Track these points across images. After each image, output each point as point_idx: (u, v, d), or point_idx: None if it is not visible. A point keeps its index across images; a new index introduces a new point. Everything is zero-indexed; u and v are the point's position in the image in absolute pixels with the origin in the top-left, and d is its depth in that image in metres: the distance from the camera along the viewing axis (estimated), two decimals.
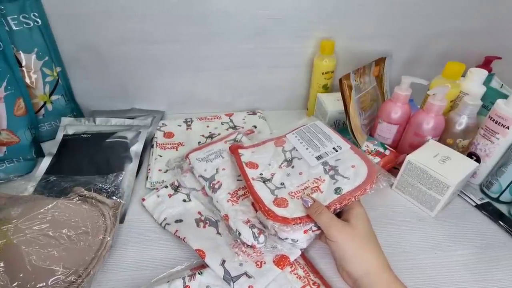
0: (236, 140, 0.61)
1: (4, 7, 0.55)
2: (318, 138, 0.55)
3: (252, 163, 0.53)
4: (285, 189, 0.48)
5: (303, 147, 0.54)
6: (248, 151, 0.55)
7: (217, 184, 0.52)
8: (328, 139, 0.55)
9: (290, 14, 0.66)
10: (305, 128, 0.58)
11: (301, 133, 0.58)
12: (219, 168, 0.54)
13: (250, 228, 0.44)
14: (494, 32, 0.71)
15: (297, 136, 0.57)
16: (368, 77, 0.64)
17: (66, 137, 0.65)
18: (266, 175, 0.51)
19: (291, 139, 0.57)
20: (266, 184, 0.49)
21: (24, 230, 0.41)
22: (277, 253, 0.44)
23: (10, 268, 0.38)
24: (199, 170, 0.54)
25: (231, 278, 0.41)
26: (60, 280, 0.39)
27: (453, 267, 0.46)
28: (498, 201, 0.56)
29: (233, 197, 0.50)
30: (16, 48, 0.58)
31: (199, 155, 0.57)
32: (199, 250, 0.43)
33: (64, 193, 0.52)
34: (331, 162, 0.51)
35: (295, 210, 0.44)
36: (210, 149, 0.58)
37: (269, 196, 0.46)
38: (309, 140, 0.56)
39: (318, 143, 0.54)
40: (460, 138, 0.57)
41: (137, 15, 0.63)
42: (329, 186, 0.47)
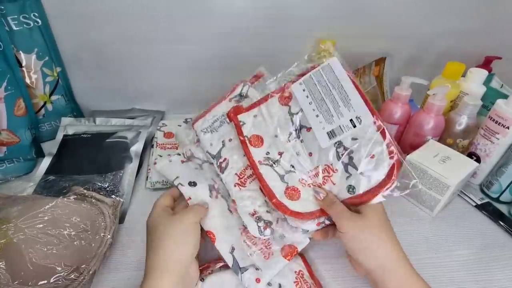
0: (241, 94, 0.51)
1: (4, 7, 0.55)
2: (332, 97, 0.41)
3: (257, 138, 0.45)
4: (295, 174, 0.43)
5: (313, 112, 0.42)
6: (250, 117, 0.46)
7: (224, 162, 0.47)
8: (345, 100, 0.41)
9: (290, 14, 0.66)
10: (316, 75, 0.43)
11: (311, 83, 0.43)
12: (225, 140, 0.48)
13: (256, 222, 0.42)
14: (494, 32, 0.71)
15: (305, 88, 0.43)
16: (368, 77, 0.64)
17: (66, 137, 0.65)
18: (273, 154, 0.44)
19: (297, 93, 0.44)
20: (274, 168, 0.43)
21: (24, 229, 0.42)
22: (284, 244, 0.42)
23: (11, 266, 0.38)
24: (205, 145, 0.49)
25: (239, 269, 0.40)
26: (61, 278, 0.39)
27: (453, 267, 0.46)
28: (498, 201, 0.56)
29: (240, 178, 0.45)
30: (16, 48, 0.58)
31: (203, 125, 0.51)
32: (210, 232, 0.42)
33: (62, 192, 0.52)
34: (347, 141, 0.40)
35: (307, 202, 0.41)
36: (214, 113, 0.51)
37: (280, 185, 0.42)
38: (320, 100, 0.42)
39: (332, 107, 0.41)
40: (460, 138, 0.57)
41: (137, 15, 0.63)
42: (342, 179, 0.40)
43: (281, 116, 0.45)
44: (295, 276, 0.43)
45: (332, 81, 0.42)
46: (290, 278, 0.42)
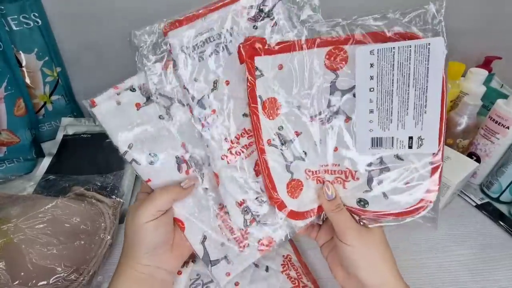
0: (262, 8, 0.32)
1: (4, 7, 0.55)
2: (405, 97, 0.28)
3: (273, 102, 0.32)
4: (303, 162, 0.34)
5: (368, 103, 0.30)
6: (274, 65, 0.31)
7: (211, 115, 0.33)
8: (419, 110, 0.28)
9: None
10: (404, 51, 0.28)
11: (388, 59, 0.28)
12: (219, 80, 0.33)
13: (243, 214, 0.35)
14: (494, 32, 0.71)
15: (376, 63, 0.29)
16: None
17: (66, 137, 0.66)
18: (288, 132, 0.33)
19: (360, 64, 0.29)
20: (283, 152, 0.33)
21: (24, 229, 0.42)
22: (263, 236, 0.36)
23: (11, 267, 0.38)
24: (184, 75, 0.32)
25: (210, 262, 0.37)
26: (61, 278, 0.39)
27: (453, 267, 0.46)
28: (498, 201, 0.56)
29: (231, 148, 0.33)
30: (16, 48, 0.58)
31: (186, 39, 0.32)
32: (178, 220, 0.37)
33: (63, 192, 0.52)
34: (388, 157, 0.31)
35: (306, 200, 0.35)
36: (210, 23, 0.32)
37: (284, 177, 0.33)
38: (388, 92, 0.29)
39: (397, 111, 0.29)
40: (460, 138, 0.57)
41: (137, 15, 0.63)
42: (357, 190, 0.33)
43: (320, 84, 0.31)
44: (283, 259, 0.43)
45: (419, 74, 0.28)
46: (278, 261, 0.43)
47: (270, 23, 0.32)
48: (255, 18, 0.32)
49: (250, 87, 0.31)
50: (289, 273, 0.43)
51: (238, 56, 0.32)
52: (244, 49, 0.31)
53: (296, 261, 0.44)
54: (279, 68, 0.31)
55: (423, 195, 0.30)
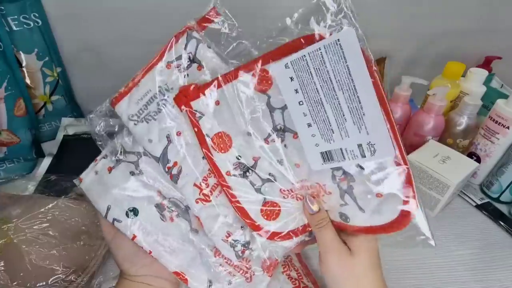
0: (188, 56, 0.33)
1: (4, 7, 0.55)
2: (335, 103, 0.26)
3: (221, 137, 0.31)
4: (275, 184, 0.32)
5: (303, 118, 0.28)
6: (211, 103, 0.31)
7: (174, 168, 0.33)
8: (356, 112, 0.26)
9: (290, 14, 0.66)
10: (314, 56, 0.26)
11: (304, 68, 0.26)
12: (171, 134, 0.33)
13: (232, 247, 0.33)
14: (494, 32, 0.71)
15: (294, 76, 0.27)
16: None
17: (67, 137, 0.66)
18: (247, 158, 0.32)
19: (280, 82, 0.28)
20: (248, 178, 0.32)
21: (25, 229, 0.42)
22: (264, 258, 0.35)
23: (10, 267, 0.38)
24: (141, 141, 0.34)
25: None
26: (60, 279, 0.39)
27: (454, 266, 0.46)
28: (499, 201, 0.56)
29: (202, 190, 0.33)
30: (16, 49, 0.58)
31: (130, 108, 0.34)
32: (177, 273, 0.34)
33: (64, 192, 0.52)
34: (350, 168, 0.29)
35: (288, 220, 0.32)
36: (144, 87, 0.34)
37: (256, 200, 0.32)
38: (316, 101, 0.27)
39: (334, 118, 0.27)
40: (460, 138, 0.57)
41: (137, 15, 0.63)
42: (335, 204, 0.31)
43: (258, 107, 0.30)
44: (283, 260, 0.44)
45: (339, 73, 0.25)
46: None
47: (197, 67, 0.33)
48: (184, 68, 0.33)
49: (196, 130, 0.31)
50: (289, 273, 0.43)
51: (176, 104, 0.32)
52: (178, 99, 0.32)
53: (297, 262, 0.44)
54: (216, 104, 0.31)
55: (401, 207, 0.27)
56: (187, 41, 0.33)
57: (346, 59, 0.24)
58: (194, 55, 0.33)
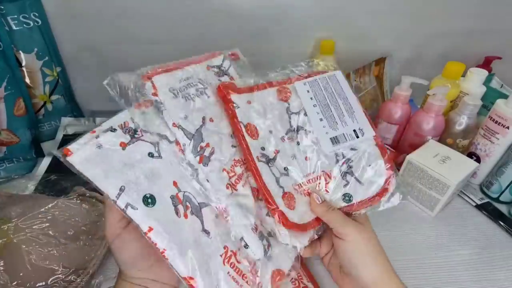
0: (222, 68, 0.41)
1: (4, 7, 0.55)
2: (337, 106, 0.40)
3: (252, 126, 0.36)
4: (288, 178, 0.37)
5: (316, 115, 0.39)
6: (244, 99, 0.37)
7: (207, 149, 0.34)
8: (349, 111, 0.40)
9: (290, 14, 0.66)
10: (322, 80, 0.41)
11: (316, 86, 0.40)
12: (206, 117, 0.35)
13: (260, 239, 0.34)
14: (494, 32, 0.71)
15: (310, 90, 0.40)
16: (368, 77, 0.64)
17: (66, 137, 0.66)
18: (270, 151, 0.37)
19: (300, 93, 0.40)
20: (270, 168, 0.36)
21: (25, 229, 0.41)
22: (271, 268, 0.35)
23: (10, 267, 0.38)
24: (173, 115, 0.33)
25: None
26: (59, 280, 0.39)
27: (453, 267, 0.46)
28: (498, 201, 0.56)
29: (231, 177, 0.34)
30: (16, 48, 0.58)
31: (172, 82, 0.35)
32: (189, 278, 0.30)
33: (64, 192, 0.52)
34: (346, 151, 0.39)
35: (303, 212, 0.36)
36: (188, 73, 0.37)
37: (277, 190, 0.35)
38: (325, 105, 0.39)
39: (337, 115, 0.39)
40: (460, 138, 0.57)
41: (137, 15, 0.63)
42: (338, 187, 0.38)
43: (278, 111, 0.39)
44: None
45: (338, 91, 0.41)
46: None
47: (229, 79, 0.41)
48: (218, 75, 0.41)
49: (232, 115, 0.36)
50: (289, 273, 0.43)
51: (218, 93, 0.38)
52: (222, 87, 0.37)
53: None
54: (247, 103, 0.38)
55: (386, 171, 0.38)
56: (223, 60, 0.42)
57: (339, 83, 0.42)
58: (227, 70, 0.42)
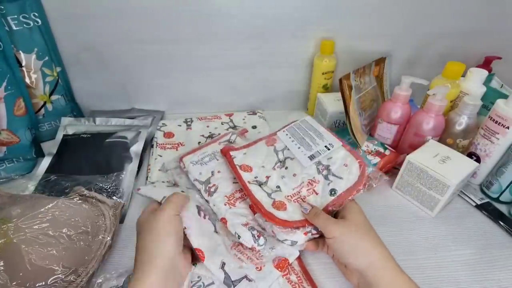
0: (230, 141, 0.60)
1: (4, 7, 0.55)
2: (309, 136, 0.55)
3: (246, 166, 0.52)
4: (281, 192, 0.48)
5: (295, 146, 0.54)
6: (240, 153, 0.54)
7: (213, 187, 0.50)
8: (319, 136, 0.55)
9: (290, 14, 0.66)
10: (296, 125, 0.57)
11: (292, 130, 0.57)
12: (214, 171, 0.53)
13: (250, 230, 0.44)
14: (494, 32, 0.71)
15: (288, 134, 0.56)
16: (368, 77, 0.64)
17: (66, 137, 0.66)
18: (261, 178, 0.51)
19: (282, 138, 0.56)
20: (262, 188, 0.49)
21: (25, 229, 0.41)
22: (275, 256, 0.44)
23: (9, 267, 0.38)
24: (194, 174, 0.53)
25: (231, 282, 0.40)
26: (59, 280, 0.39)
27: (453, 267, 0.46)
28: (498, 201, 0.56)
29: (230, 199, 0.49)
30: (16, 48, 0.58)
31: (193, 158, 0.55)
32: (198, 249, 0.42)
33: (64, 192, 0.52)
34: (324, 161, 0.51)
35: (294, 213, 0.45)
36: (204, 151, 0.57)
37: (267, 200, 0.47)
38: (300, 138, 0.55)
39: (310, 141, 0.54)
40: (460, 138, 0.57)
41: (137, 15, 0.63)
42: (324, 187, 0.48)
43: (267, 153, 0.55)
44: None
45: (308, 127, 0.57)
46: None
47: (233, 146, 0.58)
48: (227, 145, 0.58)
49: (230, 162, 0.53)
50: (289, 277, 0.43)
51: (221, 151, 0.55)
52: (224, 150, 0.55)
53: (297, 265, 0.44)
54: (243, 154, 0.54)
55: (357, 162, 0.49)
56: (231, 135, 0.61)
57: (309, 123, 0.58)
58: (234, 140, 0.60)
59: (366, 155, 0.59)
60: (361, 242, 0.39)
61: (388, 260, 0.38)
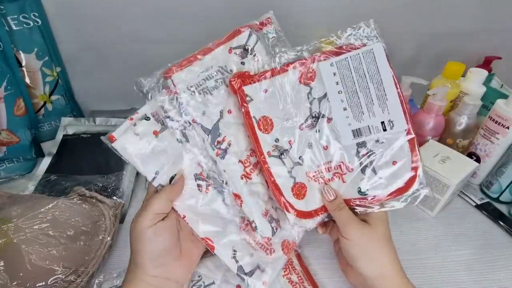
0: (246, 47, 0.38)
1: (4, 7, 0.55)
2: (367, 91, 0.35)
3: (266, 119, 0.37)
4: (302, 167, 0.39)
5: (340, 104, 0.36)
6: (259, 90, 0.37)
7: (223, 142, 0.37)
8: (381, 99, 0.35)
9: (290, 14, 0.66)
10: (354, 59, 0.36)
11: (345, 67, 0.36)
12: (224, 111, 0.37)
13: (269, 222, 0.38)
14: (494, 32, 0.71)
15: (337, 71, 0.36)
16: None
17: (66, 137, 0.65)
18: (283, 142, 0.38)
19: (325, 75, 0.36)
20: (282, 160, 0.38)
21: (25, 229, 0.41)
22: (283, 237, 0.40)
23: (10, 267, 0.38)
24: (192, 113, 0.36)
25: (245, 274, 0.37)
26: (59, 280, 0.39)
27: (453, 267, 0.46)
28: (498, 201, 0.56)
29: (246, 166, 0.38)
30: (16, 48, 0.58)
31: (189, 79, 0.36)
32: (206, 239, 0.37)
33: (64, 192, 0.52)
34: (370, 144, 0.37)
35: (312, 200, 0.39)
36: (206, 64, 0.37)
37: (287, 182, 0.38)
38: (353, 91, 0.36)
39: (365, 104, 0.36)
40: (460, 138, 0.57)
41: (137, 15, 0.63)
42: (355, 180, 0.37)
43: (298, 96, 0.38)
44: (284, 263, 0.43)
45: (371, 72, 0.35)
46: None
47: (253, 59, 0.39)
48: (241, 56, 0.38)
49: (245, 111, 0.37)
50: (290, 277, 0.43)
51: (230, 88, 0.37)
52: (233, 82, 0.37)
53: (298, 265, 0.44)
54: (264, 92, 0.38)
55: (410, 171, 0.35)
56: (249, 36, 0.39)
57: (376, 61, 0.35)
58: (252, 48, 0.39)
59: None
60: (377, 253, 0.36)
61: (399, 276, 0.36)
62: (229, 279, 0.41)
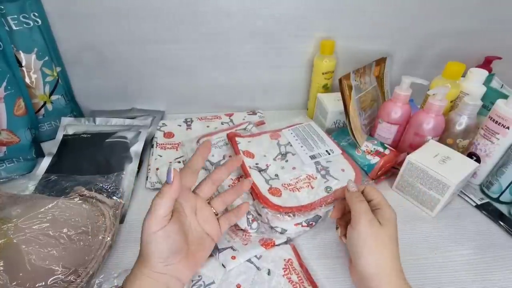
0: (246, 129, 0.66)
1: (4, 7, 0.55)
2: (312, 139, 0.60)
3: (249, 152, 0.56)
4: (278, 180, 0.52)
5: (298, 144, 0.58)
6: (245, 140, 0.59)
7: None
8: (321, 141, 0.59)
9: (290, 14, 0.66)
10: (301, 127, 0.62)
11: (297, 130, 0.62)
12: (225, 155, 0.59)
13: (246, 214, 0.48)
14: (494, 32, 0.71)
15: (292, 133, 0.61)
16: (368, 77, 0.64)
17: (66, 137, 0.65)
18: (262, 165, 0.54)
19: (286, 135, 0.61)
20: (261, 174, 0.53)
21: (24, 229, 0.41)
22: (263, 237, 0.47)
23: (9, 267, 0.38)
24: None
25: (217, 250, 0.45)
26: (59, 280, 0.39)
27: (453, 267, 0.46)
28: (498, 201, 0.56)
29: (234, 182, 0.54)
30: (16, 48, 0.58)
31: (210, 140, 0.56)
32: None
33: (64, 192, 0.52)
34: (323, 162, 0.56)
35: (287, 200, 0.48)
36: (220, 136, 0.62)
37: (264, 185, 0.50)
38: (303, 138, 0.60)
39: (312, 143, 0.59)
40: (460, 138, 0.57)
41: (137, 15, 0.63)
42: (320, 184, 0.52)
43: (270, 145, 0.59)
44: (284, 263, 0.44)
45: (312, 131, 0.62)
46: (279, 265, 0.44)
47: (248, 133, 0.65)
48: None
49: (235, 146, 0.57)
50: (290, 277, 0.43)
51: (228, 137, 0.60)
52: (231, 133, 0.60)
53: (298, 265, 0.44)
54: (248, 142, 0.59)
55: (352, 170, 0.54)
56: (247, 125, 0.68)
57: (314, 128, 0.63)
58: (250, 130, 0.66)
59: (366, 155, 0.59)
60: (378, 250, 0.37)
61: (396, 276, 0.37)
62: (229, 278, 0.42)
